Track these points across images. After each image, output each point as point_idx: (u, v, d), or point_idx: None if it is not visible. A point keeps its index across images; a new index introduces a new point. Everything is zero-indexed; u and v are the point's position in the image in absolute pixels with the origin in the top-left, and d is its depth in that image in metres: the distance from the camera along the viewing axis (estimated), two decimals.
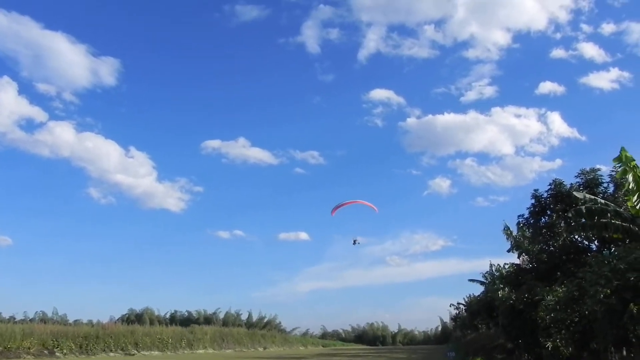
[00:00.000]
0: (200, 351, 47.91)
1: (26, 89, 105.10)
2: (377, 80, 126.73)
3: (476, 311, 38.95)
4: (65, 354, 35.03)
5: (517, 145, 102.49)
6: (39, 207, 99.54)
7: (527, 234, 23.42)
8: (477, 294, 40.66)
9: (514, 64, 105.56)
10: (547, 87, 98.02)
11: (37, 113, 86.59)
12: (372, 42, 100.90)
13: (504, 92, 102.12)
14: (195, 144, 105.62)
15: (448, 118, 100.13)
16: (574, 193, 17.04)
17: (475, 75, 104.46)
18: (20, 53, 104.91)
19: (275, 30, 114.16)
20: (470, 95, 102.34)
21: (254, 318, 76.73)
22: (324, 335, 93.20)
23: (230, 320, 72.08)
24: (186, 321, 66.93)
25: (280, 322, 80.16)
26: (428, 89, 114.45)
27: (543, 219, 22.82)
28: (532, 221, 23.13)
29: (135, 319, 63.77)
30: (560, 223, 21.20)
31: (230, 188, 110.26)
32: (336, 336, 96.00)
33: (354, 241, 37.85)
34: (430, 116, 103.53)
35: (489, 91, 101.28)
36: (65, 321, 55.64)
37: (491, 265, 33.48)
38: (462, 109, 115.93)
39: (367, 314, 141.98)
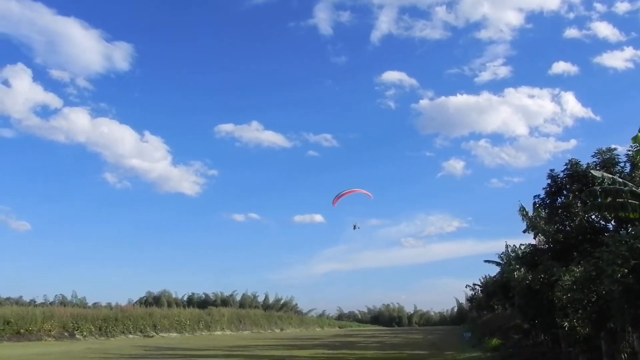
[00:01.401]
0: (218, 333, 48.40)
1: (40, 76, 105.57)
2: (390, 62, 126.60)
3: (492, 292, 38.94)
4: (85, 336, 35.57)
5: (531, 126, 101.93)
6: (56, 193, 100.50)
7: (543, 214, 23.30)
8: (492, 274, 40.67)
9: (527, 45, 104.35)
10: (560, 67, 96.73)
11: (51, 99, 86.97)
12: (384, 24, 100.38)
13: (517, 72, 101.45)
14: (209, 127, 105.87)
15: (461, 99, 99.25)
16: (592, 172, 16.89)
17: (489, 56, 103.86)
18: (33, 40, 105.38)
19: (287, 13, 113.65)
20: (485, 76, 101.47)
21: (271, 300, 77.36)
22: (340, 317, 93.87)
23: (247, 302, 72.64)
24: (203, 303, 67.54)
25: (296, 304, 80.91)
26: (441, 70, 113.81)
27: (559, 199, 22.67)
28: (548, 201, 22.98)
29: (153, 301, 64.54)
30: (576, 203, 21.05)
31: (245, 171, 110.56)
32: (352, 317, 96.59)
33: (354, 226, 38.14)
34: (443, 98, 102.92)
35: (503, 71, 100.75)
36: (85, 304, 56.37)
37: (507, 246, 33.41)
38: (475, 90, 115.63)
39: (383, 295, 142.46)
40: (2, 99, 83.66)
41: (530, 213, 23.73)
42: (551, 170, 22.72)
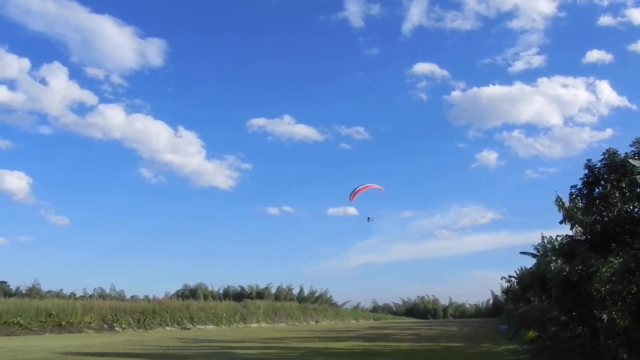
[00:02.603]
0: (254, 325, 48.81)
1: (76, 74, 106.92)
2: (421, 54, 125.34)
3: (528, 284, 38.56)
4: (124, 328, 36.20)
5: (566, 116, 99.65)
6: (94, 188, 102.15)
7: (580, 205, 22.98)
8: (528, 266, 40.27)
9: (560, 33, 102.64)
10: (594, 55, 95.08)
11: (87, 96, 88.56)
12: (414, 15, 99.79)
13: (551, 61, 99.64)
14: (242, 122, 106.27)
15: (493, 90, 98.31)
16: (630, 161, 16.63)
17: (522, 45, 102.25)
18: (69, 38, 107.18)
19: (318, 7, 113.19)
20: (518, 65, 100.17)
21: (306, 292, 77.75)
22: (375, 309, 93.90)
23: (282, 295, 73.08)
24: (239, 296, 68.18)
25: (331, 296, 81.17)
26: (473, 61, 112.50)
27: (596, 190, 22.31)
28: (585, 192, 22.63)
29: (189, 294, 65.34)
30: (614, 193, 20.72)
31: (278, 165, 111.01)
32: (387, 310, 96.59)
33: (368, 218, 38.20)
34: (475, 88, 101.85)
35: (537, 60, 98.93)
36: (123, 297, 57.39)
37: (543, 238, 33.01)
38: (507, 80, 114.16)
39: (418, 287, 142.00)
40: (40, 97, 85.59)
41: (567, 204, 23.43)
42: (588, 160, 22.36)
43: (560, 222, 23.49)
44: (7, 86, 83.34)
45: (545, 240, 32.58)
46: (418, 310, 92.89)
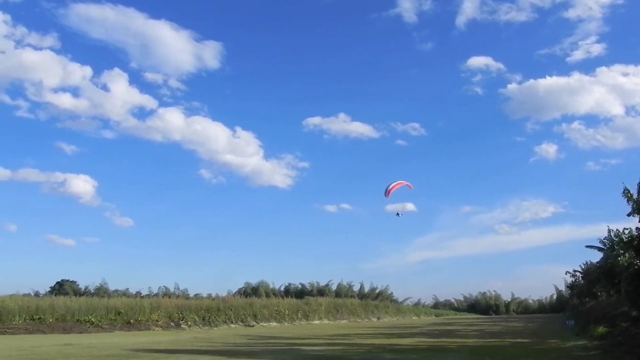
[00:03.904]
0: (316, 322, 49.10)
1: (136, 79, 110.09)
2: (475, 48, 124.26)
3: (595, 278, 37.72)
4: (189, 326, 36.94)
5: (627, 105, 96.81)
6: (156, 191, 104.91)
7: None
8: (594, 260, 39.37)
9: (619, 21, 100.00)
10: None
11: (147, 101, 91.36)
12: (468, 9, 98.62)
13: (611, 49, 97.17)
14: (298, 121, 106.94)
15: (551, 81, 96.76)
16: None
17: (580, 34, 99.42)
18: (128, 44, 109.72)
19: (370, 4, 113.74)
20: (577, 55, 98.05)
21: (366, 289, 77.85)
22: (436, 305, 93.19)
23: (342, 292, 73.27)
24: (300, 293, 68.65)
25: (392, 293, 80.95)
26: (529, 53, 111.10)
27: None
28: None
29: (251, 292, 66.28)
30: None
31: (335, 163, 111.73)
32: (448, 306, 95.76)
33: (398, 214, 38.18)
34: (531, 81, 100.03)
35: (597, 49, 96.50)
36: (187, 295, 58.68)
37: (609, 231, 32.15)
38: (565, 70, 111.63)
39: (479, 283, 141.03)
40: (102, 103, 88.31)
41: (635, 195, 22.85)
42: None
43: (629, 215, 22.93)
44: (71, 93, 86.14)
45: (612, 234, 31.82)
46: (480, 306, 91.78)
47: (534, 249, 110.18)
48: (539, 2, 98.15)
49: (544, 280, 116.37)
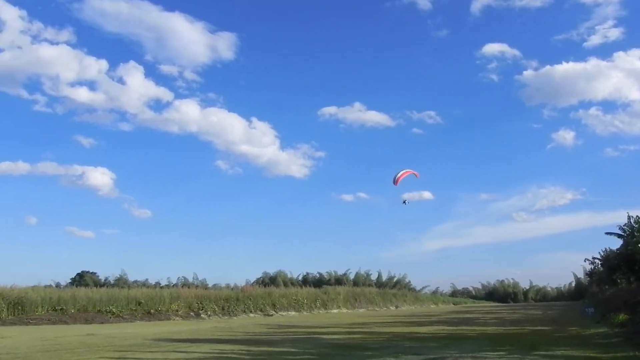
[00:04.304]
0: (335, 311, 49.31)
1: (151, 72, 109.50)
2: (490, 34, 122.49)
3: (615, 265, 37.42)
4: (209, 316, 37.32)
5: None
6: (173, 182, 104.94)
7: None
8: (614, 247, 39.06)
9: (636, 4, 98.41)
10: None
11: (163, 93, 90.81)
12: None
13: (629, 33, 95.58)
14: (313, 110, 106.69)
15: (567, 67, 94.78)
16: None
17: (597, 18, 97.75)
18: (143, 37, 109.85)
19: None
20: (594, 40, 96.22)
21: (384, 278, 77.71)
22: (454, 293, 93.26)
23: (360, 281, 73.29)
24: (318, 282, 68.79)
25: (409, 281, 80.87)
26: (546, 38, 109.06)
27: None
28: None
29: (269, 281, 66.54)
30: None
31: (351, 152, 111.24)
32: (466, 294, 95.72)
33: (404, 201, 38.19)
34: (548, 67, 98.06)
35: (614, 33, 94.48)
36: (206, 285, 58.94)
37: (629, 217, 31.99)
38: (581, 56, 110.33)
39: (497, 271, 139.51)
40: (119, 95, 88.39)
41: None
42: None
43: None
44: (87, 87, 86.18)
45: (632, 220, 31.60)
46: (498, 294, 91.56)
47: (552, 237, 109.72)
48: None
49: (563, 268, 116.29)
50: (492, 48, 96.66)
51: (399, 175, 36.44)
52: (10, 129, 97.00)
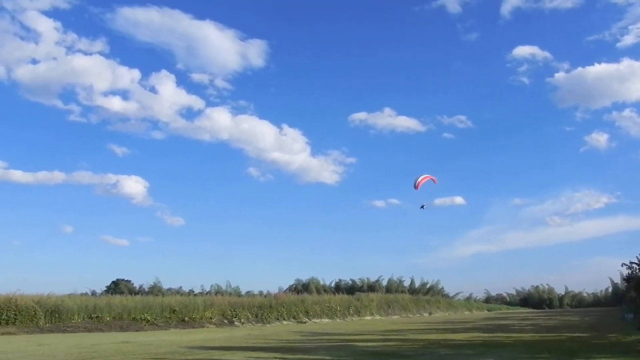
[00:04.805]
0: (368, 318, 49.12)
1: (183, 80, 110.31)
2: (520, 37, 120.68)
3: None
4: (243, 323, 37.40)
5: None
6: (205, 190, 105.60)
7: None
8: None
9: None
10: None
11: (194, 101, 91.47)
12: None
13: None
14: (343, 116, 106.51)
15: (599, 69, 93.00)
16: None
17: (630, 18, 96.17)
18: (174, 46, 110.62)
19: None
20: (627, 40, 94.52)
21: (417, 284, 77.08)
22: (488, 300, 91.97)
23: (393, 287, 72.83)
24: (350, 289, 68.45)
25: (442, 288, 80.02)
26: (577, 40, 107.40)
27: None
28: None
29: (302, 288, 66.46)
30: None
31: (381, 157, 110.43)
32: (500, 300, 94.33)
33: (422, 206, 38.07)
34: (580, 69, 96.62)
35: None
36: (239, 293, 59.20)
37: None
38: (615, 57, 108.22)
39: (531, 276, 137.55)
40: (151, 104, 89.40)
41: None
42: None
43: None
44: (120, 96, 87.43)
45: None
46: (532, 300, 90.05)
47: (587, 241, 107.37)
48: None
49: (598, 273, 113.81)
50: (523, 50, 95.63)
51: (419, 180, 36.69)
52: (47, 139, 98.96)
